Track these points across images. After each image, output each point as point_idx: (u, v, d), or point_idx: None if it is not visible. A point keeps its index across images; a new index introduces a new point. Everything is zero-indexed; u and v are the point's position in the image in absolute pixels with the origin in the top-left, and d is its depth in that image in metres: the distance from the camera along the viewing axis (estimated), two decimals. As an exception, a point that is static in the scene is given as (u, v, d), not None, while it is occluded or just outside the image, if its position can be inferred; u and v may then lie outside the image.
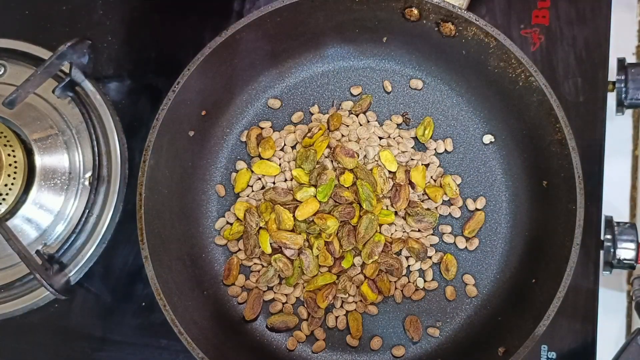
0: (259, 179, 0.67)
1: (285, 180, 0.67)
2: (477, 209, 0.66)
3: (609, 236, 0.64)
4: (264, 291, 0.65)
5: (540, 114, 0.61)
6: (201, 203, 0.68)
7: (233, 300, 0.66)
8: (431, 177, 0.66)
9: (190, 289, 0.63)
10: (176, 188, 0.65)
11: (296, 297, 0.65)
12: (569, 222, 0.58)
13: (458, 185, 0.66)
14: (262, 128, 0.69)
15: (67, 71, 0.70)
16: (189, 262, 0.65)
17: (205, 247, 0.67)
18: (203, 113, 0.66)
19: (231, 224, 0.67)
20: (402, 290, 0.65)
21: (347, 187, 0.64)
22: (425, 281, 0.65)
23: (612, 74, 0.67)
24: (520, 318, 0.60)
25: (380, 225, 0.64)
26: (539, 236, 0.63)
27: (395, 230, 0.65)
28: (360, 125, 0.68)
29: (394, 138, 0.67)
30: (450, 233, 0.66)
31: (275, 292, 0.65)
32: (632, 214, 0.70)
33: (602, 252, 0.65)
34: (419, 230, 0.65)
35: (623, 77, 0.65)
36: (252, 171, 0.67)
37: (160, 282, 0.59)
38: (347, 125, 0.68)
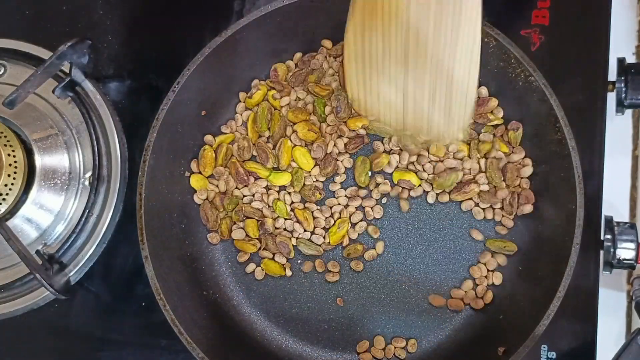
0: None
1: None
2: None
3: (609, 236, 0.63)
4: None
5: (540, 114, 0.61)
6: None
7: (233, 301, 0.66)
8: None
9: (190, 289, 0.64)
10: (176, 188, 0.66)
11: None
12: (569, 222, 0.58)
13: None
14: None
15: (67, 71, 0.70)
16: (189, 262, 0.65)
17: (205, 247, 0.67)
18: (203, 113, 0.66)
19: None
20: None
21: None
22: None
23: (612, 74, 0.67)
24: (520, 318, 0.60)
25: None
26: (538, 236, 0.63)
27: None
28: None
29: None
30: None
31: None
32: (632, 214, 0.70)
33: (602, 252, 0.65)
34: None
35: (623, 77, 0.65)
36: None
37: (160, 282, 0.59)
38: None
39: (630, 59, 0.72)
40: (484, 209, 0.65)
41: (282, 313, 0.66)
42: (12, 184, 0.66)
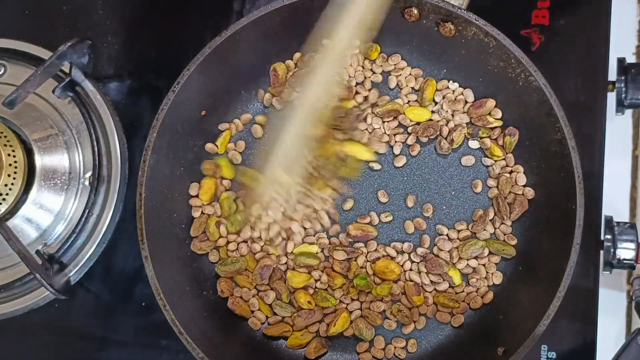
0: None
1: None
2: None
3: (609, 236, 0.64)
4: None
5: (540, 114, 0.61)
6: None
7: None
8: None
9: (191, 289, 0.63)
10: (176, 188, 0.65)
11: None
12: (569, 222, 0.58)
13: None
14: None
15: (67, 71, 0.69)
16: (189, 262, 0.65)
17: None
18: (203, 113, 0.66)
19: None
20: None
21: None
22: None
23: (612, 74, 0.67)
24: (520, 317, 0.60)
25: None
26: (538, 236, 0.63)
27: None
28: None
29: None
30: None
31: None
32: (632, 214, 0.70)
33: (602, 252, 0.65)
34: None
35: (623, 77, 0.65)
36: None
37: (160, 282, 0.59)
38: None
39: (630, 59, 0.72)
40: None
41: (282, 313, 0.66)
42: (12, 184, 0.66)
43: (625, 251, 0.63)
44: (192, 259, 0.65)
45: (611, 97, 0.67)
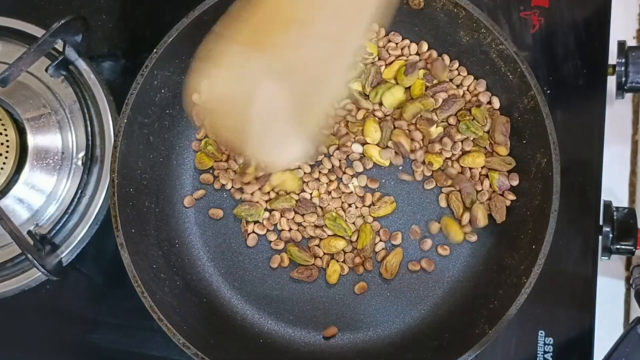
0: None
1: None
2: None
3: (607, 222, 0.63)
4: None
5: (514, 83, 0.61)
6: (177, 187, 0.67)
7: (213, 285, 0.65)
8: None
9: (169, 276, 0.63)
10: (150, 173, 0.64)
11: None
12: (547, 189, 0.58)
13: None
14: None
15: (61, 49, 0.68)
16: (167, 247, 0.64)
17: (182, 231, 0.66)
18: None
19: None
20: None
21: None
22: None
23: (613, 57, 0.67)
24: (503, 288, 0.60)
25: None
26: (518, 205, 0.63)
27: None
28: None
29: None
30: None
31: None
32: (632, 200, 0.69)
33: (600, 238, 0.64)
34: None
35: (623, 61, 0.65)
36: None
37: (137, 269, 0.58)
38: None
39: (631, 42, 0.71)
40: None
41: (262, 295, 0.65)
42: (4, 164, 0.65)
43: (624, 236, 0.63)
44: (169, 244, 0.64)
45: (611, 81, 0.67)
